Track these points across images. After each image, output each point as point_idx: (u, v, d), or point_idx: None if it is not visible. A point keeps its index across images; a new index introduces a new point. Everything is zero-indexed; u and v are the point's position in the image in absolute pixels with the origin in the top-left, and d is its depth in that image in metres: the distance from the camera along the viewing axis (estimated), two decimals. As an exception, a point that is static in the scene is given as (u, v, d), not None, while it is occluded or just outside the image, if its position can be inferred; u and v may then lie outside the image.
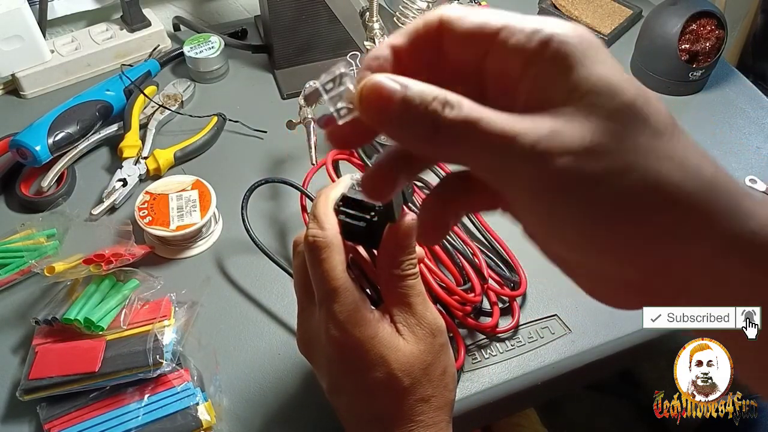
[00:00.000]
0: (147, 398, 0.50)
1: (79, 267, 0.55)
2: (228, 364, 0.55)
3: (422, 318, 0.40)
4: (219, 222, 0.65)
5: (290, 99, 0.79)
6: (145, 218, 0.61)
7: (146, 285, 0.57)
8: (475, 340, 0.56)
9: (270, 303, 0.59)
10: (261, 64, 0.84)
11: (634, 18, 0.92)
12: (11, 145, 0.67)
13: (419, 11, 0.67)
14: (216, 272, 0.62)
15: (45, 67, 0.78)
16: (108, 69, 0.82)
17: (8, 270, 0.59)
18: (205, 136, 0.72)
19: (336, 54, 0.83)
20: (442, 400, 0.40)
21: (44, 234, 0.61)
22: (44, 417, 0.49)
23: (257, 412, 0.52)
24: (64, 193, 0.67)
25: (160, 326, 0.53)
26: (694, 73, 0.79)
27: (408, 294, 0.39)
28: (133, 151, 0.70)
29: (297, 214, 0.63)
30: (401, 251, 0.39)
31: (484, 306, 0.57)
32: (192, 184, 0.64)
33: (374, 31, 0.67)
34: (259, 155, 0.73)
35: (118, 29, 0.83)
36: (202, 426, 0.49)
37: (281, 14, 0.78)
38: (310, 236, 0.37)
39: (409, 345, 0.39)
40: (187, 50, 0.79)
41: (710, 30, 0.77)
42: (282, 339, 0.57)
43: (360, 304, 0.38)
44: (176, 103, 0.77)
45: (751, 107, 0.80)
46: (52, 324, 0.53)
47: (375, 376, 0.38)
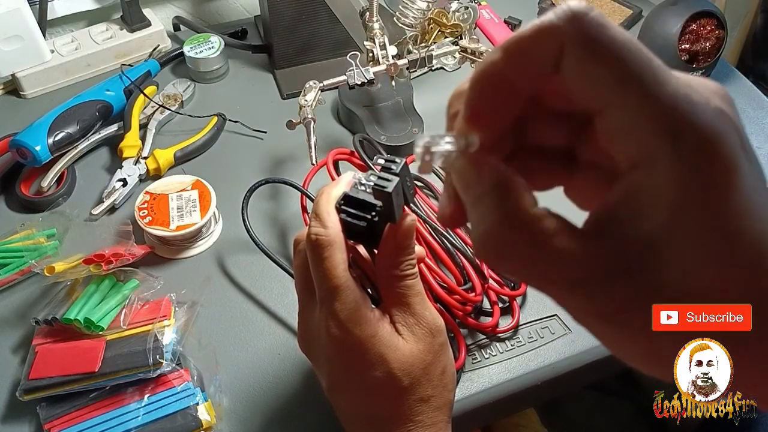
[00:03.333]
0: (147, 398, 0.50)
1: (79, 267, 0.55)
2: (228, 364, 0.55)
3: (421, 317, 0.40)
4: (219, 222, 0.65)
5: (290, 99, 0.79)
6: (145, 218, 0.61)
7: (146, 285, 0.57)
8: (476, 340, 0.56)
9: (270, 303, 0.59)
10: (261, 64, 0.84)
11: (634, 18, 0.92)
12: (11, 145, 0.66)
13: (419, 11, 0.67)
14: (216, 272, 0.62)
15: (45, 67, 0.78)
16: (108, 69, 0.82)
17: (8, 270, 0.59)
18: (205, 136, 0.72)
19: (336, 54, 0.83)
20: (441, 400, 0.40)
21: (44, 234, 0.61)
22: (44, 417, 0.49)
23: (257, 412, 0.52)
24: (64, 193, 0.67)
25: (160, 326, 0.53)
26: (694, 73, 0.79)
27: (407, 294, 0.39)
28: (133, 151, 0.70)
29: (297, 214, 0.63)
30: (401, 251, 0.39)
31: (484, 306, 0.57)
32: (192, 184, 0.64)
33: (374, 31, 0.67)
34: (259, 155, 0.73)
35: (118, 29, 0.83)
36: (202, 426, 0.49)
37: (281, 14, 0.78)
38: (313, 234, 0.37)
39: (408, 345, 0.39)
40: (187, 50, 0.79)
41: (710, 30, 0.77)
42: (282, 339, 0.57)
43: (361, 303, 0.38)
44: (176, 103, 0.77)
45: (751, 107, 0.80)
46: (52, 324, 0.53)
47: (374, 375, 0.38)
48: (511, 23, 0.90)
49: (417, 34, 0.70)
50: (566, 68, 0.21)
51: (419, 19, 0.67)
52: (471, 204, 0.23)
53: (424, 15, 0.67)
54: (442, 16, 0.70)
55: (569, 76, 0.21)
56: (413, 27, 0.68)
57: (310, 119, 0.63)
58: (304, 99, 0.64)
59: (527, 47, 0.21)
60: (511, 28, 0.90)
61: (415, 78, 0.80)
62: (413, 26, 0.68)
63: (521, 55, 0.21)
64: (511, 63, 0.21)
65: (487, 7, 0.92)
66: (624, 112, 0.20)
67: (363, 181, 0.39)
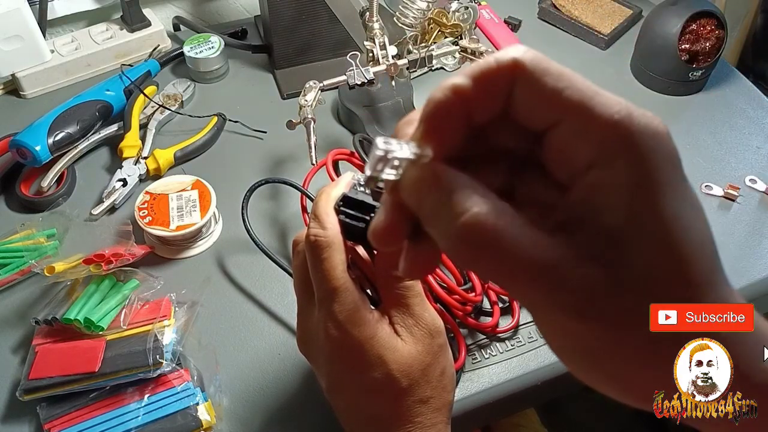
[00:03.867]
0: (147, 398, 0.50)
1: (79, 267, 0.55)
2: (228, 364, 0.55)
3: (420, 319, 0.39)
4: (219, 222, 0.65)
5: (290, 99, 0.79)
6: (145, 218, 0.61)
7: (146, 285, 0.57)
8: (476, 340, 0.56)
9: (270, 303, 0.59)
10: (261, 64, 0.84)
11: (634, 18, 0.92)
12: (11, 145, 0.67)
13: (419, 11, 0.67)
14: (216, 272, 0.62)
15: (45, 67, 0.78)
16: (108, 69, 0.82)
17: (8, 270, 0.59)
18: (205, 136, 0.72)
19: (336, 54, 0.83)
20: (441, 402, 0.40)
21: (44, 234, 0.61)
22: (44, 417, 0.49)
23: (257, 412, 0.52)
24: (64, 193, 0.67)
25: (160, 326, 0.53)
26: (694, 73, 0.79)
27: (406, 295, 0.39)
28: (133, 151, 0.70)
29: (297, 214, 0.63)
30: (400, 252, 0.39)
31: (484, 305, 0.57)
32: (192, 184, 0.64)
33: (374, 31, 0.67)
34: (259, 155, 0.73)
35: (118, 29, 0.83)
36: (202, 426, 0.49)
37: (281, 14, 0.78)
38: (312, 235, 0.37)
39: (407, 346, 0.39)
40: (187, 50, 0.79)
41: (710, 30, 0.77)
42: (282, 339, 0.57)
43: (360, 304, 0.38)
44: (176, 103, 0.77)
45: (751, 107, 0.80)
46: (52, 324, 0.53)
47: (373, 376, 0.38)
48: (511, 23, 0.90)
49: (417, 34, 0.70)
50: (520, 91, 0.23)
51: (419, 19, 0.67)
52: (430, 212, 0.24)
53: (424, 15, 0.67)
54: (442, 16, 0.71)
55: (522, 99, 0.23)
56: (413, 27, 0.68)
57: (310, 119, 0.63)
58: (304, 99, 0.64)
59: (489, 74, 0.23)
60: (511, 28, 0.90)
61: (415, 78, 0.80)
62: (413, 26, 0.68)
63: (483, 81, 0.23)
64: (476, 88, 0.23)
65: (487, 7, 0.92)
66: (574, 122, 0.23)
67: (362, 183, 0.39)
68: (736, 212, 0.68)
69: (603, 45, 0.88)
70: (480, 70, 0.23)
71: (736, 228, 0.67)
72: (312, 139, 0.62)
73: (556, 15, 0.91)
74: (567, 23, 0.90)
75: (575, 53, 0.87)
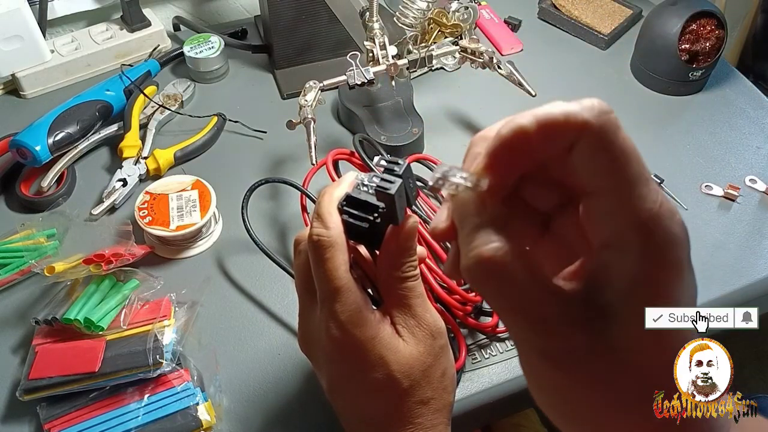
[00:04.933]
0: (147, 398, 0.50)
1: (79, 267, 0.55)
2: (228, 364, 0.55)
3: (422, 319, 0.39)
4: (219, 222, 0.65)
5: (290, 99, 0.79)
6: (145, 218, 0.61)
7: (146, 285, 0.57)
8: (476, 340, 0.56)
9: (270, 303, 0.59)
10: (261, 64, 0.84)
11: (634, 18, 0.92)
12: (11, 145, 0.67)
13: (419, 11, 0.67)
14: (216, 272, 0.62)
15: (45, 67, 0.78)
16: (108, 69, 0.82)
17: (8, 270, 0.59)
18: (205, 136, 0.72)
19: (336, 54, 0.83)
20: (441, 403, 0.40)
21: (44, 234, 0.61)
22: (44, 417, 0.49)
23: (257, 412, 0.52)
24: (64, 193, 0.67)
25: (160, 326, 0.53)
26: (694, 73, 0.79)
27: (408, 296, 0.39)
28: (133, 151, 0.70)
29: (297, 214, 0.63)
30: (402, 253, 0.39)
31: (484, 305, 0.57)
32: (192, 184, 0.64)
33: (374, 31, 0.67)
34: (259, 155, 0.73)
35: (118, 29, 0.83)
36: (202, 426, 0.49)
37: (281, 14, 0.78)
38: (315, 235, 0.37)
39: (409, 347, 0.39)
40: (187, 50, 0.79)
41: (710, 30, 0.77)
42: (282, 339, 0.57)
43: (362, 304, 0.38)
44: (176, 103, 0.77)
45: (751, 107, 0.80)
46: (52, 324, 0.53)
47: (374, 377, 0.38)
48: (511, 23, 0.90)
49: (417, 34, 0.70)
50: (578, 151, 0.25)
51: (419, 19, 0.67)
52: (467, 233, 0.26)
53: (424, 15, 0.67)
54: (442, 16, 0.71)
55: (578, 158, 0.25)
56: (413, 27, 0.68)
57: (310, 119, 0.63)
58: (304, 99, 0.64)
59: (556, 126, 0.24)
60: (511, 28, 0.90)
61: (415, 78, 0.80)
62: (413, 26, 0.68)
63: (550, 130, 0.25)
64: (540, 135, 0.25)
65: (487, 7, 0.92)
66: (611, 201, 0.25)
67: (365, 182, 0.38)
68: (736, 212, 0.68)
69: (603, 45, 0.88)
70: (547, 117, 0.24)
71: (736, 228, 0.67)
72: (312, 139, 0.62)
73: (556, 15, 0.91)
74: (567, 23, 0.90)
75: (575, 53, 0.87)
